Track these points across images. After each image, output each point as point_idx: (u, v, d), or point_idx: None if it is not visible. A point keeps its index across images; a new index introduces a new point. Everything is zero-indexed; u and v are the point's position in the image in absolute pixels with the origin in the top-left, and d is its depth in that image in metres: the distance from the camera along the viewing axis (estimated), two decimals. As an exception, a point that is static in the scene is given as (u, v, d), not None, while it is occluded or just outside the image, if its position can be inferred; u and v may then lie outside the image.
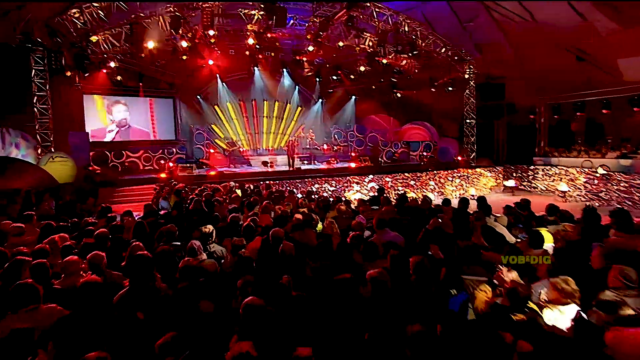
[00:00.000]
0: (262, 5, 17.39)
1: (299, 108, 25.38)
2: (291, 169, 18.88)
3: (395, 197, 13.40)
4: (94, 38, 17.87)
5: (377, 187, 17.36)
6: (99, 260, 4.30)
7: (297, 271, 4.21)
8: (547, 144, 22.31)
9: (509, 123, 23.57)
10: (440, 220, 6.12)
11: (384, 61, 22.72)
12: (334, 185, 16.84)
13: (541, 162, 20.17)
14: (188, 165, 17.26)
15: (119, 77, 19.93)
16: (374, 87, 25.34)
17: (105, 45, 18.34)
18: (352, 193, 17.06)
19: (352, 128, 24.57)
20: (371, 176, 17.53)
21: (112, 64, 19.34)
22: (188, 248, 4.87)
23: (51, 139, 15.40)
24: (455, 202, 9.03)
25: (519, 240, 5.75)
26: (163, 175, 16.42)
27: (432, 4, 21.38)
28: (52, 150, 15.33)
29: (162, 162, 18.91)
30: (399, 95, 25.46)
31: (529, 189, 19.94)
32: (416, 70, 24.07)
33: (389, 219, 5.94)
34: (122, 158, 18.58)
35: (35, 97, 15.27)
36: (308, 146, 21.42)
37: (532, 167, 19.98)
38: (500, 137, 23.89)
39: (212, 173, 17.49)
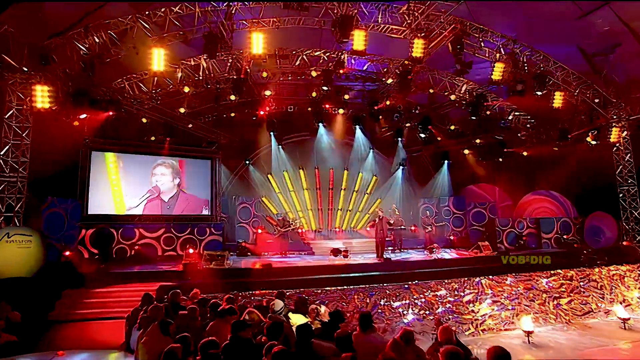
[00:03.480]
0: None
1: (374, 177, 18.99)
2: (379, 260, 11.86)
3: None
4: (117, 82, 13.31)
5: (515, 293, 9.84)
6: None
7: None
8: None
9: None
10: None
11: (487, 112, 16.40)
12: (452, 291, 9.54)
13: None
14: (218, 253, 10.78)
15: (152, 138, 14.92)
16: (466, 151, 18.72)
17: (131, 91, 13.59)
18: (487, 307, 9.60)
19: (448, 202, 17.51)
20: (511, 277, 10.08)
21: (144, 120, 14.49)
22: None
23: (17, 206, 9.76)
24: None
25: None
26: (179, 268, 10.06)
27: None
28: (18, 223, 9.63)
29: (189, 246, 12.68)
30: (500, 159, 18.45)
31: None
32: (528, 126, 17.38)
33: None
34: (134, 238, 12.63)
35: (9, 146, 10.00)
36: (391, 227, 14.56)
37: None
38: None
39: (257, 265, 10.94)
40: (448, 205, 17.40)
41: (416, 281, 9.33)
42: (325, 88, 14.05)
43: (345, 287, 8.86)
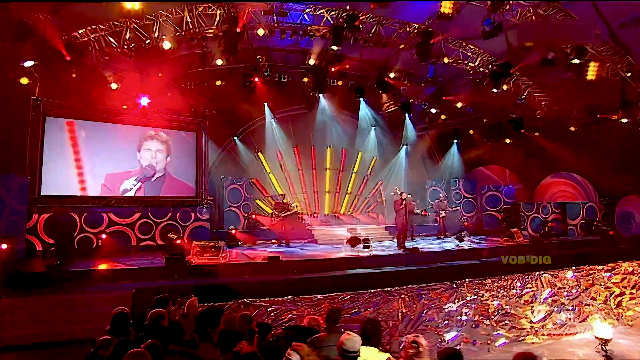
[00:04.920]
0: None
1: (375, 157, 16.85)
2: (402, 250, 9.77)
3: None
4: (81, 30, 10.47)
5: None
6: None
7: None
8: None
9: None
10: None
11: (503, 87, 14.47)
12: (508, 289, 7.59)
13: None
14: (212, 244, 8.36)
15: (124, 106, 12.04)
16: (471, 131, 16.80)
17: (97, 46, 10.76)
18: (547, 308, 7.72)
19: (458, 185, 15.64)
20: (572, 271, 8.24)
21: (114, 84, 11.56)
22: None
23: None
24: None
25: None
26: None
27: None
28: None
29: (171, 234, 10.16)
30: (507, 141, 16.64)
31: None
32: (543, 104, 15.63)
33: None
34: (102, 225, 10.00)
35: None
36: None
37: None
38: None
39: (261, 259, 8.61)
40: (459, 188, 15.54)
41: (467, 279, 7.28)
42: (334, 48, 11.67)
43: (388, 288, 6.68)
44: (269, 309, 6.01)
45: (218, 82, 14.03)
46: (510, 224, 12.62)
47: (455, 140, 16.66)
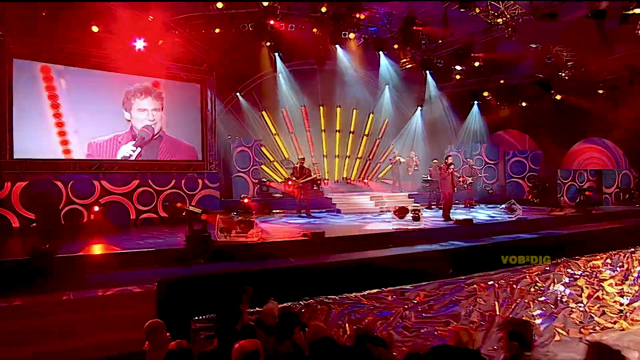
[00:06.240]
0: None
1: (386, 120, 15.19)
2: (452, 222, 8.35)
3: None
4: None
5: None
6: None
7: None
8: None
9: None
10: None
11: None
12: (596, 269, 6.35)
13: None
14: (240, 218, 6.57)
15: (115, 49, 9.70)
16: (485, 93, 15.27)
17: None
18: (635, 289, 6.54)
19: (480, 150, 14.24)
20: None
21: (94, 27, 9.17)
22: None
23: None
24: None
25: None
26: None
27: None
28: None
29: (178, 204, 8.32)
30: (524, 104, 15.27)
31: None
32: (570, 64, 14.21)
33: None
34: (94, 195, 8.05)
35: None
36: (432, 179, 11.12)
37: None
38: None
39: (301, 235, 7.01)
40: (480, 154, 14.17)
41: (563, 258, 5.97)
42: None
43: (478, 274, 5.26)
44: (347, 309, 4.44)
45: (217, 30, 11.84)
46: (541, 192, 11.48)
47: (475, 102, 15.12)
